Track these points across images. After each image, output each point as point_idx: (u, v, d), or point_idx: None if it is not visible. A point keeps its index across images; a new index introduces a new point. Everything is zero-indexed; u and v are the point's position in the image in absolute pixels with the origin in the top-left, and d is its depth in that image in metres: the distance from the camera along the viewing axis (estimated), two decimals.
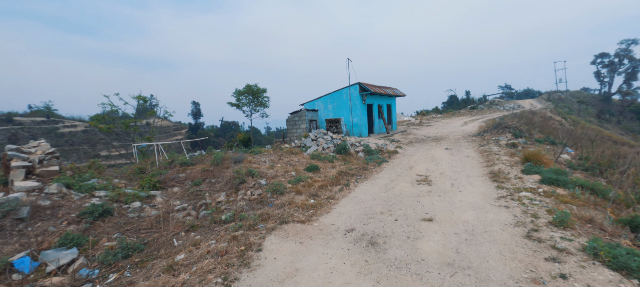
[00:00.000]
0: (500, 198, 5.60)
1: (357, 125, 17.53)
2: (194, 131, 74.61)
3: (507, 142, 11.99)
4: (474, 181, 7.02)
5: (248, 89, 22.80)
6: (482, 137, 14.49)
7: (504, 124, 14.79)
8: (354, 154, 10.84)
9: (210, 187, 6.79)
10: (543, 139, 12.49)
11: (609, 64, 64.10)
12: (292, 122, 17.00)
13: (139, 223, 4.82)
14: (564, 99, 57.58)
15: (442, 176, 7.76)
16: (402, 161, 10.63)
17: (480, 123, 24.74)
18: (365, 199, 6.11)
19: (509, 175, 7.22)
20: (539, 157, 8.13)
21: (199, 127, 76.96)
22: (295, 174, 7.82)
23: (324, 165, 9.10)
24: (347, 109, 17.74)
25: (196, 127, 76.34)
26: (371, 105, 19.42)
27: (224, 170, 7.77)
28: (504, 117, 26.70)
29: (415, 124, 27.54)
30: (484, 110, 43.40)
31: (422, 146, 14.19)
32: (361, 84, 17.14)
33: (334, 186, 7.19)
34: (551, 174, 6.45)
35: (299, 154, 10.20)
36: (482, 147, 12.04)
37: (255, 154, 9.96)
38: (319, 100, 18.81)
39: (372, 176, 8.29)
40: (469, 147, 12.40)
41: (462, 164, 9.10)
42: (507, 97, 69.50)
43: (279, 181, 7.18)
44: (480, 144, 12.95)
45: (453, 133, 18.41)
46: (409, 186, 6.96)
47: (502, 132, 13.99)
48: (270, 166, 8.19)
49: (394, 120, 22.61)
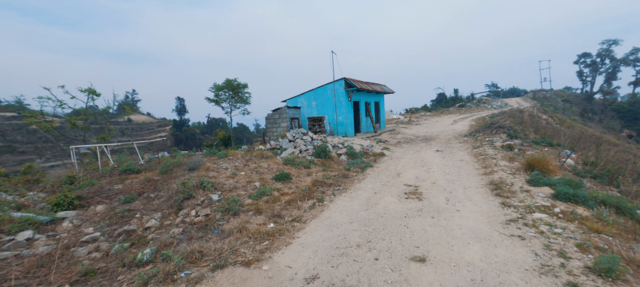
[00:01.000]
0: (509, 222, 4.35)
1: (343, 124, 16.20)
2: (178, 128, 71.75)
3: (502, 144, 10.91)
4: (473, 195, 5.79)
5: (228, 84, 21.10)
6: (475, 138, 13.42)
7: (497, 124, 13.77)
8: (335, 158, 9.50)
9: (147, 204, 5.30)
10: (539, 140, 11.49)
11: (591, 64, 65.10)
12: (271, 121, 15.51)
13: (9, 269, 3.32)
14: (549, 97, 58.07)
15: (434, 187, 6.51)
16: (389, 165, 9.36)
17: (470, 122, 23.87)
18: (339, 222, 4.77)
19: (513, 187, 6.02)
20: (545, 163, 6.99)
21: (184, 123, 74.10)
22: (260, 184, 6.40)
23: (298, 172, 7.71)
24: (332, 107, 16.37)
25: (181, 123, 73.42)
26: (358, 102, 18.11)
27: (172, 180, 6.28)
28: (494, 116, 25.96)
29: (405, 123, 26.49)
30: (472, 108, 42.94)
31: (412, 147, 13.00)
32: (347, 79, 15.79)
33: (304, 201, 5.81)
34: (565, 188, 5.27)
35: (272, 158, 8.77)
36: (475, 149, 10.92)
37: (221, 157, 8.47)
38: (302, 97, 17.36)
39: (353, 186, 6.97)
40: (461, 149, 11.27)
41: (456, 171, 7.89)
42: (493, 96, 69.79)
43: (237, 195, 5.75)
44: (473, 145, 11.84)
45: (443, 133, 17.35)
46: (395, 201, 5.66)
47: (496, 133, 12.95)
48: (231, 175, 6.74)
49: (382, 118, 21.42)
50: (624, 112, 48.90)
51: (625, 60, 59.03)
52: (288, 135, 10.82)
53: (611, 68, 61.14)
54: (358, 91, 17.39)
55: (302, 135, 11.10)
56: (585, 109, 53.68)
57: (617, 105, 52.01)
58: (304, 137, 11.01)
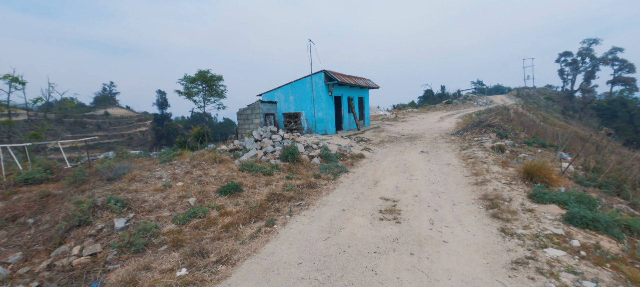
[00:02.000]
0: (516, 266, 3.09)
1: (322, 121, 14.81)
2: (160, 123, 68.50)
3: (492, 145, 9.82)
4: (464, 215, 4.54)
5: (200, 75, 19.25)
6: (463, 137, 12.32)
7: (486, 122, 12.73)
8: (306, 161, 8.11)
9: (15, 235, 3.76)
10: (531, 140, 10.48)
11: (572, 62, 66.12)
12: (243, 117, 13.94)
13: None
14: (532, 95, 58.63)
15: (416, 202, 5.23)
16: (367, 170, 8.06)
17: (457, 119, 22.99)
18: (284, 263, 3.40)
19: (512, 204, 4.81)
20: (546, 172, 5.84)
21: (166, 118, 70.88)
22: (197, 201, 4.94)
23: (255, 181, 6.28)
24: (310, 102, 14.92)
25: (162, 118, 70.18)
26: (340, 97, 16.73)
27: (78, 195, 4.73)
28: (480, 113, 25.22)
29: (391, 119, 25.39)
30: (458, 105, 42.48)
31: (395, 146, 11.76)
32: (327, 72, 14.35)
33: (249, 224, 4.41)
34: (580, 209, 4.09)
35: (227, 162, 7.28)
36: (464, 150, 9.78)
37: (164, 162, 6.93)
38: (278, 91, 15.82)
39: (319, 200, 5.61)
40: (448, 150, 10.11)
41: (443, 178, 6.67)
42: (479, 93, 70.13)
43: (157, 218, 4.28)
44: (461, 146, 10.71)
45: (429, 131, 16.26)
46: (366, 225, 4.34)
47: (485, 132, 11.89)
48: (162, 187, 5.23)
49: (367, 114, 20.17)
50: (602, 110, 49.79)
51: (604, 60, 60.16)
52: (254, 134, 9.33)
53: (591, 67, 62.29)
54: (340, 85, 16.01)
55: (271, 134, 9.64)
56: (566, 107, 54.49)
57: (597, 104, 52.98)
58: (274, 135, 9.55)
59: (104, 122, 67.64)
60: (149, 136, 70.56)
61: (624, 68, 58.37)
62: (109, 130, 67.46)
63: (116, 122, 69.03)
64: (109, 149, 61.61)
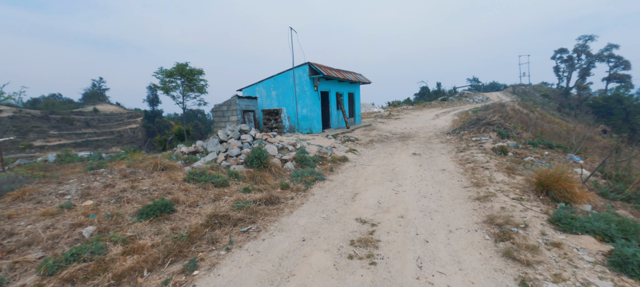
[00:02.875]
0: None
1: (306, 119, 13.46)
2: (151, 119, 66.57)
3: (493, 146, 8.57)
4: (465, 252, 3.25)
5: (179, 69, 17.72)
6: (459, 137, 11.06)
7: (485, 120, 11.47)
8: (275, 166, 6.76)
9: None
10: (536, 141, 9.25)
11: (567, 59, 65.38)
12: (219, 114, 12.53)
13: None
14: (528, 92, 57.79)
15: (401, 227, 3.93)
16: (348, 177, 6.75)
17: (453, 116, 21.78)
18: None
19: (529, 232, 3.52)
20: (565, 183, 4.57)
21: (157, 115, 68.91)
22: (96, 230, 3.57)
23: (201, 195, 4.92)
24: (294, 97, 13.55)
25: (154, 115, 68.20)
26: (327, 93, 15.37)
27: None
28: (477, 110, 24.05)
29: (384, 117, 24.10)
30: (454, 102, 41.38)
31: (385, 147, 10.46)
32: (312, 64, 12.97)
33: (160, 270, 3.08)
34: (632, 248, 2.82)
35: (173, 169, 5.91)
36: (461, 152, 8.51)
37: (91, 169, 5.54)
38: (260, 85, 14.41)
39: (275, 224, 4.28)
40: (443, 152, 8.84)
41: (436, 190, 5.38)
42: (475, 90, 69.22)
43: (16, 261, 2.91)
44: (457, 146, 9.44)
45: (423, 129, 14.98)
46: (326, 270, 3.02)
47: (484, 131, 10.64)
48: (56, 210, 3.85)
49: (358, 111, 18.84)
50: (598, 107, 48.99)
51: (600, 57, 59.37)
52: (220, 133, 7.94)
53: (586, 64, 61.57)
54: (327, 80, 14.65)
55: (241, 134, 8.26)
56: (562, 104, 53.72)
57: (593, 101, 52.21)
58: (244, 135, 8.17)
59: (92, 119, 65.48)
60: (140, 133, 68.53)
61: (620, 65, 57.70)
62: (98, 127, 65.29)
63: (106, 119, 66.85)
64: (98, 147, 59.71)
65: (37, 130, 59.08)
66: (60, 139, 61.81)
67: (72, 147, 60.38)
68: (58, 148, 58.89)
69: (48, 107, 70.00)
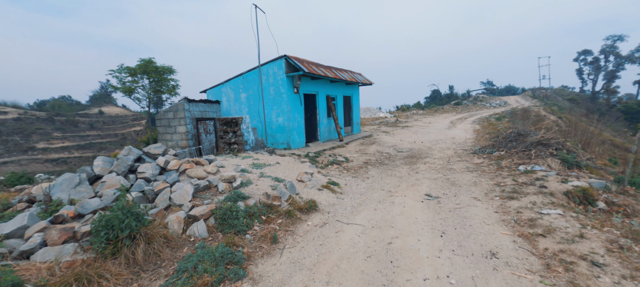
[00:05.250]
0: None
1: (283, 130, 10.09)
2: (155, 122, 64.87)
3: (564, 187, 4.94)
4: None
5: (143, 67, 14.74)
6: (495, 161, 7.39)
7: (533, 139, 7.73)
8: (158, 239, 3.41)
9: None
10: (638, 178, 5.51)
11: (593, 61, 59.62)
12: (164, 123, 9.34)
13: None
14: (549, 96, 52.55)
15: None
16: (297, 269, 3.31)
17: (473, 124, 17.91)
18: None
19: None
20: None
21: None
22: None
23: None
24: (270, 101, 10.21)
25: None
26: (314, 96, 11.94)
27: None
28: (501, 117, 20.11)
29: (390, 124, 20.45)
30: (469, 106, 37.17)
31: (383, 177, 6.93)
32: (289, 58, 9.62)
33: None
34: None
35: None
36: (511, 200, 4.87)
37: None
38: (226, 86, 11.15)
39: None
40: (476, 194, 5.26)
41: None
42: (489, 94, 64.18)
43: None
44: (498, 184, 5.81)
45: (438, 143, 11.33)
46: None
47: (536, 155, 6.93)
48: None
49: (356, 119, 15.32)
50: (633, 112, 43.47)
51: (630, 58, 53.52)
52: (96, 165, 4.66)
53: (615, 66, 55.72)
54: (313, 79, 11.25)
55: (134, 164, 4.95)
56: (589, 109, 48.34)
57: (624, 106, 46.59)
58: (143, 166, 4.87)
59: (97, 121, 64.42)
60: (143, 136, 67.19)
61: None
62: (103, 129, 64.16)
63: (110, 121, 65.69)
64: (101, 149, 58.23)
65: (41, 132, 58.15)
66: (63, 141, 60.76)
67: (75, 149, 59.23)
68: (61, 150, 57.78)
69: (54, 109, 69.49)
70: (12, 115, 57.96)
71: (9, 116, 57.06)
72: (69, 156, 58.67)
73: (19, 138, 52.54)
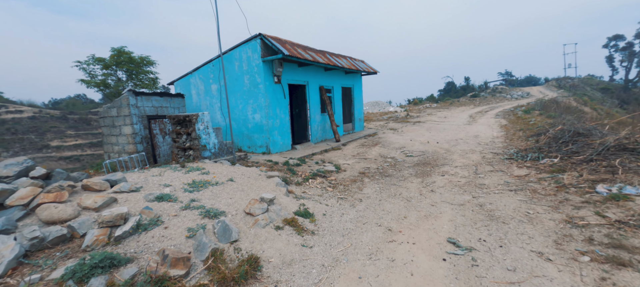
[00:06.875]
0: None
1: (260, 129, 8.00)
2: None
3: None
4: None
5: (116, 57, 13.00)
6: (550, 174, 5.00)
7: (608, 140, 5.26)
8: None
9: None
10: None
11: (626, 47, 53.93)
12: (108, 121, 7.46)
13: None
14: (577, 85, 47.86)
15: None
16: None
17: (497, 118, 15.21)
18: None
19: None
20: None
21: None
22: None
23: None
24: (243, 94, 8.14)
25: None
26: (303, 87, 9.74)
27: None
28: (529, 110, 17.22)
29: (400, 119, 17.97)
30: (487, 98, 33.88)
31: (384, 194, 4.71)
32: (266, 38, 7.46)
33: None
34: None
35: None
36: (608, 257, 2.60)
37: None
38: (195, 76, 9.15)
39: None
40: (537, 240, 2.95)
41: None
42: (508, 85, 59.67)
43: None
44: (558, 207, 3.49)
45: (459, 144, 8.93)
46: None
47: (627, 169, 4.50)
48: None
49: (359, 114, 13.02)
50: None
51: None
52: None
53: None
54: (302, 66, 9.06)
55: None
56: (624, 100, 43.51)
57: None
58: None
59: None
60: None
61: None
62: None
63: None
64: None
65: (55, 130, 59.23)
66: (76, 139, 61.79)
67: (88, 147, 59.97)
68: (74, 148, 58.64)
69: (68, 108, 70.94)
70: (28, 114, 59.20)
71: (25, 115, 58.24)
72: (82, 154, 59.58)
73: (34, 136, 53.45)
